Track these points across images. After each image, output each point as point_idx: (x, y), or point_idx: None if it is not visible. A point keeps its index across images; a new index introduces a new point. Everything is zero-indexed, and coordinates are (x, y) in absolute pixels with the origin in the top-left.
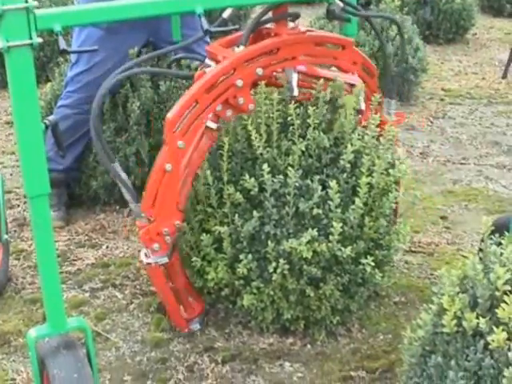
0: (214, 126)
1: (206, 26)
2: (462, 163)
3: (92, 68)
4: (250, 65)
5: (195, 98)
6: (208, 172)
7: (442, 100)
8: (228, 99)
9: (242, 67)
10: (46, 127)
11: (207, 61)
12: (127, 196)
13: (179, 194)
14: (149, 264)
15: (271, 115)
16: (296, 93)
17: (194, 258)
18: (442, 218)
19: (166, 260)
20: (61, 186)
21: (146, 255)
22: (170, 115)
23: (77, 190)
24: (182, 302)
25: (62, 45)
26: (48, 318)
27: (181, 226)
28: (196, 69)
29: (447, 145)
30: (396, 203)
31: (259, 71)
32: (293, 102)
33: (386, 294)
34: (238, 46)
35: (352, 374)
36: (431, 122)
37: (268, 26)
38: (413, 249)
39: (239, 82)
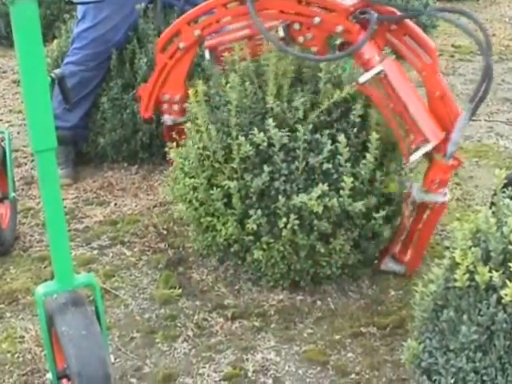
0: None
1: None
2: (472, 120)
3: (98, 24)
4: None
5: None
6: (213, 127)
7: (451, 56)
8: None
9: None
10: (53, 80)
11: None
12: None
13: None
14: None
15: (282, 69)
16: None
17: (203, 214)
18: (453, 174)
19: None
20: (68, 143)
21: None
22: (159, 39)
23: (84, 148)
24: None
25: None
26: (56, 274)
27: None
28: None
29: (458, 101)
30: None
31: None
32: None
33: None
34: None
35: (362, 330)
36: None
37: None
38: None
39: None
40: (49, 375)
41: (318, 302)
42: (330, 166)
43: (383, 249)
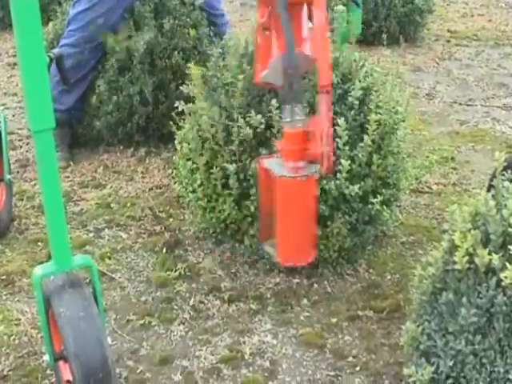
0: None
1: None
2: (468, 104)
3: (94, 6)
4: None
5: None
6: (215, 109)
7: (448, 42)
8: None
9: None
10: (51, 60)
11: None
12: None
13: None
14: None
15: None
16: None
17: (200, 197)
18: (449, 158)
19: None
20: (64, 126)
21: None
22: None
23: (80, 131)
24: None
25: None
26: (53, 255)
27: None
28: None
29: (453, 86)
30: None
31: None
32: None
33: (394, 234)
34: None
35: (359, 313)
36: (437, 64)
37: None
38: (420, 189)
39: None
40: (45, 357)
41: (315, 285)
42: None
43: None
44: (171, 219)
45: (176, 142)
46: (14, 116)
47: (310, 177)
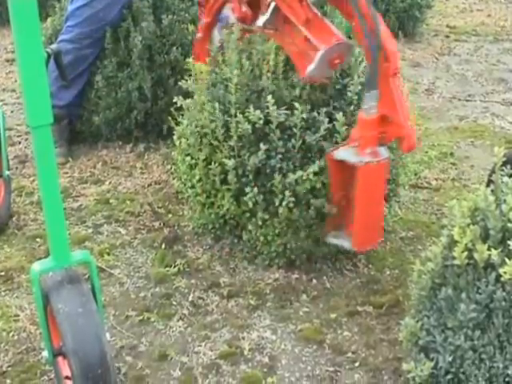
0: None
1: None
2: (467, 100)
3: (92, 2)
4: None
5: None
6: (214, 104)
7: (447, 37)
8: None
9: None
10: (49, 56)
11: None
12: None
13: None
14: None
15: (277, 46)
16: (259, 23)
17: (199, 192)
18: (448, 154)
19: None
20: (62, 122)
21: None
22: None
23: (79, 126)
24: None
25: None
26: (52, 251)
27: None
28: None
29: (453, 81)
30: None
31: None
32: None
33: (393, 230)
34: None
35: (359, 309)
36: (436, 59)
37: None
38: (419, 185)
39: None
40: (44, 353)
41: (314, 281)
42: (328, 144)
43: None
44: (170, 215)
45: (175, 137)
46: (12, 112)
47: (387, 160)
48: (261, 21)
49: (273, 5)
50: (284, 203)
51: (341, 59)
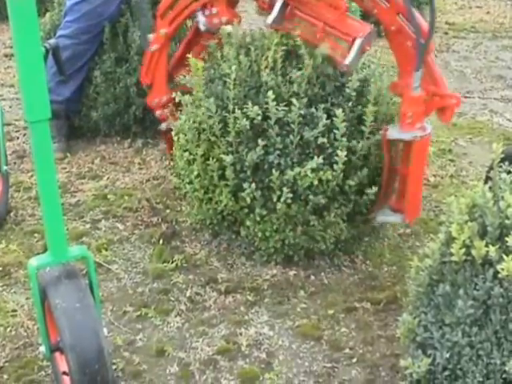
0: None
1: None
2: (466, 96)
3: None
4: None
5: None
6: (212, 100)
7: (445, 34)
8: (206, 5)
9: None
10: (47, 51)
11: None
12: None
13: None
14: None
15: (276, 42)
16: (269, 21)
17: (197, 188)
18: (447, 150)
19: (163, 127)
20: (61, 117)
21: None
22: (160, 5)
23: (77, 122)
24: None
25: None
26: (49, 246)
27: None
28: None
29: (451, 78)
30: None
31: None
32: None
33: (391, 226)
34: None
35: (356, 305)
36: (435, 56)
37: None
38: None
39: None
40: (42, 349)
41: (312, 277)
42: (325, 140)
43: (374, 200)
44: (168, 210)
45: (173, 133)
46: (10, 107)
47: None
48: (270, 19)
49: (280, 2)
50: (282, 199)
51: (369, 46)
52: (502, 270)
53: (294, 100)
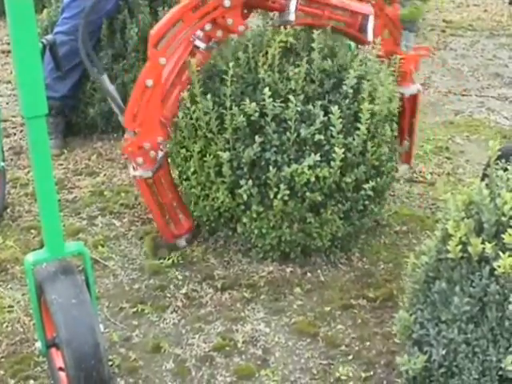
0: (202, 45)
1: None
2: (463, 94)
3: None
4: None
5: (180, 15)
6: (208, 97)
7: (443, 31)
8: (216, 19)
9: None
10: (44, 47)
11: None
12: (115, 109)
13: (162, 110)
14: (135, 177)
15: (273, 38)
16: (292, 18)
17: (194, 184)
18: (444, 148)
19: (149, 174)
20: (58, 113)
21: (133, 168)
22: (153, 31)
23: (74, 118)
24: (171, 217)
25: None
26: (46, 242)
27: (164, 142)
28: None
29: (448, 76)
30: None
31: None
32: (289, 27)
33: (387, 224)
34: None
35: (353, 302)
36: (432, 54)
37: None
38: (414, 179)
39: (227, 2)
40: (38, 345)
41: (308, 274)
42: (322, 137)
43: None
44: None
45: (170, 129)
46: (7, 103)
47: None
48: (292, 16)
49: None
50: (279, 196)
51: None
52: (499, 267)
53: (291, 97)
